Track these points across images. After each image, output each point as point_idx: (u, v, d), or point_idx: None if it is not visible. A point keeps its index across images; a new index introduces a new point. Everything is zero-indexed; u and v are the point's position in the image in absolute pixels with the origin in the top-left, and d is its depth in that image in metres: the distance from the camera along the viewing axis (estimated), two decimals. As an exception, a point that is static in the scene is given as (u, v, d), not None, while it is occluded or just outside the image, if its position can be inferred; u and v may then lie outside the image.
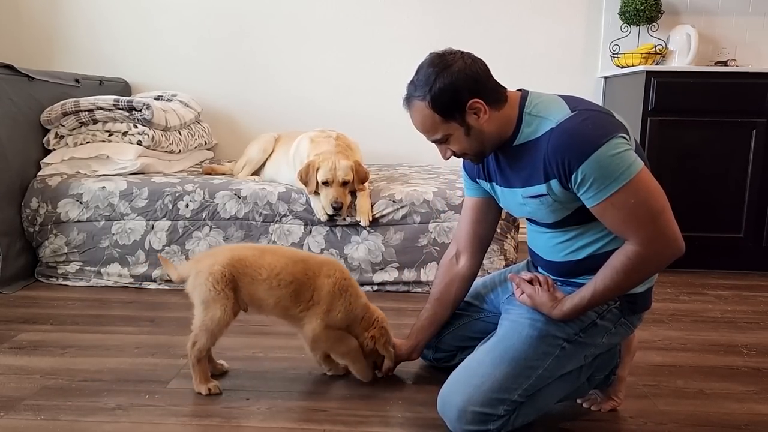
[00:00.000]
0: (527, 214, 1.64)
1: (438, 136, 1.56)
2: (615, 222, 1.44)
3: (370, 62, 3.84)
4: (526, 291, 1.60)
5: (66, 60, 3.82)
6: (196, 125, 3.63)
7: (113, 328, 2.28)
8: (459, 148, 1.57)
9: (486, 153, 1.59)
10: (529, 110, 1.53)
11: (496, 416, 1.49)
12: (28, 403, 1.69)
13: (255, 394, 1.77)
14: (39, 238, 2.84)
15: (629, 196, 1.39)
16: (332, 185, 2.66)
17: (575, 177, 1.41)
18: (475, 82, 1.48)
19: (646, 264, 1.45)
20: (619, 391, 1.71)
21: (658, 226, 1.41)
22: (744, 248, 3.23)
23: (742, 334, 2.35)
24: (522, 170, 1.55)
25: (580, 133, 1.42)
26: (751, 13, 3.66)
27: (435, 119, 1.51)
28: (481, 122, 1.50)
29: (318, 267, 1.79)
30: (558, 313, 1.53)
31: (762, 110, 3.10)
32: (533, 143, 1.50)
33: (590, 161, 1.38)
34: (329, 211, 2.68)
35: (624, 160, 1.39)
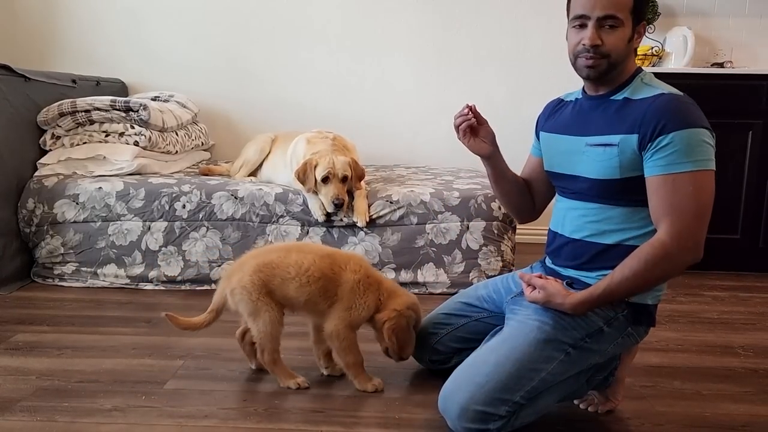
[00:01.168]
0: (571, 167, 1.64)
1: (616, 15, 1.53)
2: (663, 201, 1.46)
3: (367, 63, 3.84)
4: (537, 284, 1.58)
5: (63, 60, 3.82)
6: (193, 126, 3.63)
7: (110, 329, 2.28)
8: (614, 43, 1.54)
9: (614, 71, 1.58)
10: (642, 77, 1.60)
11: (497, 416, 1.48)
12: (24, 404, 1.69)
13: (252, 395, 1.77)
14: (35, 239, 2.84)
15: (691, 183, 1.44)
16: (332, 182, 2.66)
17: (662, 139, 1.45)
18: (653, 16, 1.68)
19: (668, 260, 1.45)
20: (617, 392, 1.71)
21: (695, 224, 1.45)
22: (740, 249, 3.24)
23: (739, 335, 2.35)
24: (601, 120, 1.59)
25: (689, 109, 1.49)
26: (747, 14, 3.67)
27: (629, 4, 1.54)
28: (635, 44, 1.60)
29: (345, 262, 1.79)
30: (571, 301, 1.52)
31: (758, 112, 3.11)
32: (627, 101, 1.56)
33: (687, 133, 1.44)
34: (330, 209, 2.68)
35: (709, 152, 1.46)
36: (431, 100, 3.85)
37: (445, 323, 1.90)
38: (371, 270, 1.83)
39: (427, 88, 3.86)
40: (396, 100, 3.86)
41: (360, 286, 1.76)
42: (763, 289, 2.99)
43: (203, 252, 2.79)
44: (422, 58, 3.83)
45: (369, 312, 1.78)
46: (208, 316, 1.82)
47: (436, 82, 3.83)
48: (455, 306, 1.93)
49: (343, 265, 1.78)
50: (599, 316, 1.56)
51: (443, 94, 3.83)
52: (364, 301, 1.76)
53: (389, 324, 1.75)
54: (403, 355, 1.81)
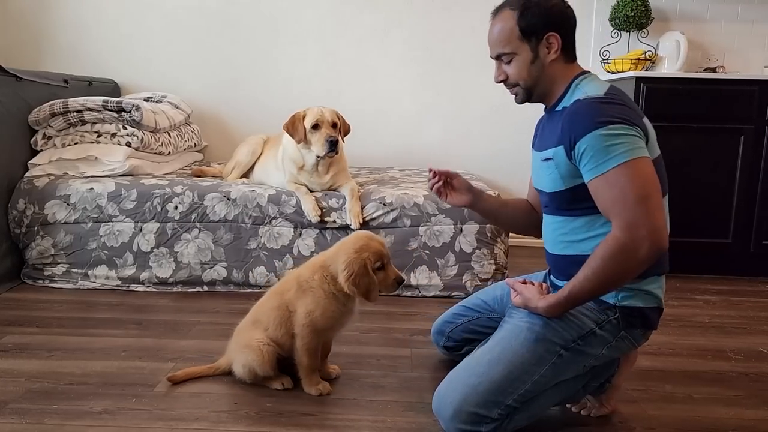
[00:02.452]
0: (539, 181, 1.70)
1: (506, 51, 1.62)
2: (605, 200, 1.47)
3: (360, 66, 3.84)
4: (518, 289, 1.61)
5: (55, 60, 3.80)
6: (185, 127, 3.62)
7: (100, 331, 2.26)
8: (516, 73, 1.63)
9: (533, 95, 1.66)
10: (577, 83, 1.61)
11: (489, 419, 1.49)
12: (13, 406, 1.67)
13: (243, 398, 1.76)
14: (25, 240, 2.82)
15: (622, 176, 1.43)
16: (322, 126, 2.72)
17: (579, 146, 1.48)
18: (563, 22, 1.60)
19: (624, 254, 1.41)
20: (612, 398, 1.71)
21: (641, 211, 1.41)
22: (732, 254, 3.25)
23: (730, 339, 2.36)
24: (547, 134, 1.65)
25: (595, 110, 1.49)
26: (740, 20, 3.69)
27: (514, 33, 1.59)
28: (548, 59, 1.60)
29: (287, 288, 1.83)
30: (543, 304, 1.53)
31: (750, 117, 3.13)
32: (563, 110, 1.59)
33: (595, 134, 1.45)
34: (324, 150, 2.71)
35: (625, 142, 1.44)
36: (425, 102, 3.85)
37: (462, 314, 1.98)
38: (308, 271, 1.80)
39: (421, 90, 3.86)
40: (390, 102, 3.86)
41: (300, 293, 1.78)
42: (754, 294, 3.00)
43: (195, 253, 2.78)
44: (415, 60, 3.83)
45: (325, 308, 1.74)
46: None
47: (431, 84, 3.84)
48: (474, 301, 2.01)
49: (285, 291, 1.81)
50: (591, 319, 1.56)
51: (437, 96, 3.83)
52: (312, 302, 1.75)
53: (345, 274, 1.69)
54: (371, 299, 1.73)
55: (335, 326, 1.81)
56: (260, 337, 1.79)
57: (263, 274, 2.77)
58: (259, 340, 1.78)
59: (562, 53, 1.60)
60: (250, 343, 1.79)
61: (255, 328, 1.82)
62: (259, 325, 1.82)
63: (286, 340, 1.79)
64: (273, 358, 1.78)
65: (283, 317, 1.79)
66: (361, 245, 1.73)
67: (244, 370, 1.80)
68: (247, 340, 1.80)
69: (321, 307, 1.74)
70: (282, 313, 1.79)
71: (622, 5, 3.53)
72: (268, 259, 2.78)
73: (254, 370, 1.78)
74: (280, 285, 1.87)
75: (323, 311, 1.74)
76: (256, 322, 1.84)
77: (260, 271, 2.78)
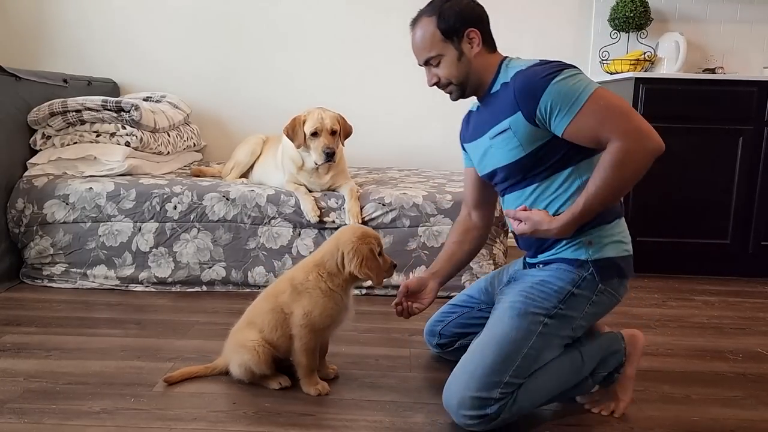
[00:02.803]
0: (490, 163, 1.76)
1: (432, 54, 1.72)
2: (591, 130, 1.53)
3: (359, 65, 3.84)
4: (522, 217, 1.67)
5: (54, 60, 3.79)
6: (184, 127, 3.62)
7: (99, 331, 2.26)
8: (446, 73, 1.73)
9: (466, 89, 1.76)
10: (506, 64, 1.73)
11: (492, 400, 1.53)
12: (12, 406, 1.67)
13: (241, 398, 1.76)
14: (24, 239, 2.82)
15: (595, 105, 1.52)
16: (321, 134, 2.70)
17: (542, 106, 1.56)
18: (478, 17, 1.73)
19: (630, 157, 1.50)
20: (626, 389, 1.74)
21: (632, 120, 1.52)
22: (730, 254, 3.25)
23: (728, 340, 2.36)
24: (490, 115, 1.72)
25: (542, 69, 1.60)
26: (739, 21, 3.70)
27: (436, 36, 1.70)
28: (473, 53, 1.71)
29: (280, 291, 1.82)
30: (558, 224, 1.60)
31: (749, 117, 3.13)
32: (503, 87, 1.68)
33: (551, 88, 1.54)
34: (321, 159, 2.71)
35: (581, 80, 1.56)
36: (424, 102, 3.85)
37: (450, 312, 2.03)
38: (302, 273, 1.80)
39: (420, 91, 3.83)
40: (389, 102, 3.86)
41: (296, 295, 1.77)
42: (752, 294, 3.00)
43: (194, 253, 2.78)
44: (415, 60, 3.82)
45: (323, 308, 1.75)
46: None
47: (429, 85, 3.83)
48: (461, 298, 2.06)
49: (280, 293, 1.81)
50: (566, 281, 1.64)
51: (436, 97, 3.80)
52: (309, 302, 1.75)
53: (355, 262, 1.74)
54: (379, 282, 1.81)
55: (332, 324, 1.81)
56: (255, 338, 1.79)
57: (262, 274, 2.77)
58: (253, 340, 1.78)
59: (484, 45, 1.72)
60: (245, 344, 1.79)
61: (250, 328, 1.82)
62: (254, 326, 1.82)
63: (282, 342, 1.79)
64: (269, 357, 1.78)
65: (278, 320, 1.79)
66: (360, 233, 1.79)
67: (241, 369, 1.80)
68: (242, 341, 1.80)
69: (319, 306, 1.74)
70: (277, 316, 1.79)
71: (622, 6, 3.53)
72: (267, 259, 2.78)
73: (251, 369, 1.78)
74: (273, 287, 1.87)
75: (321, 311, 1.75)
76: (251, 323, 1.83)
77: (259, 271, 2.78)
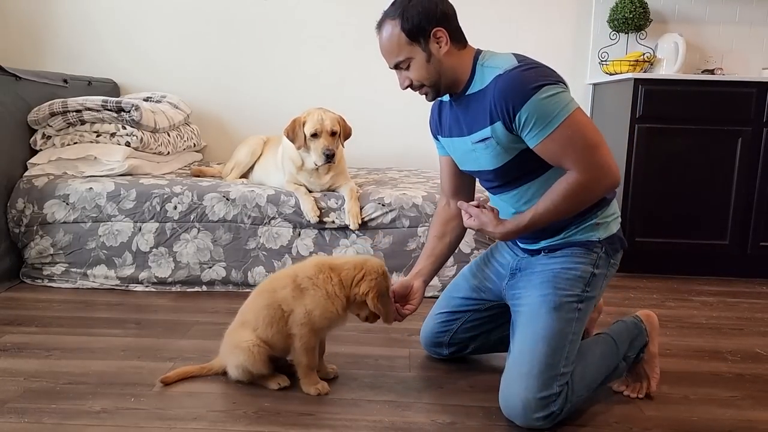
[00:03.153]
0: (473, 163, 1.77)
1: (401, 58, 1.69)
2: (556, 155, 1.59)
3: (359, 66, 3.84)
4: (472, 213, 1.72)
5: (54, 60, 3.80)
6: (185, 127, 3.62)
7: (99, 331, 2.27)
8: (417, 75, 1.70)
9: (440, 90, 1.74)
10: (482, 62, 1.70)
11: (554, 395, 1.57)
12: (12, 405, 1.68)
13: (241, 397, 1.76)
14: (24, 239, 2.82)
15: (567, 131, 1.55)
16: (321, 136, 2.70)
17: (519, 119, 1.57)
18: (443, 14, 1.66)
19: (585, 190, 1.59)
20: (653, 366, 1.82)
21: (596, 156, 1.57)
22: (729, 255, 3.26)
23: (727, 340, 2.37)
24: (471, 117, 1.71)
25: (522, 79, 1.57)
26: (738, 22, 3.70)
27: (401, 39, 1.66)
28: (442, 53, 1.67)
29: (281, 286, 1.81)
30: (501, 230, 1.68)
31: (748, 119, 3.14)
32: (482, 91, 1.66)
33: (530, 103, 1.54)
34: (321, 161, 2.71)
35: (560, 100, 1.56)
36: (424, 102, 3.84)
37: (452, 320, 1.99)
38: (322, 271, 1.78)
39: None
40: (388, 102, 3.86)
41: (298, 292, 1.76)
42: (751, 295, 3.01)
43: (194, 253, 2.78)
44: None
45: (324, 309, 1.74)
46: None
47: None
48: (456, 302, 2.01)
49: (278, 288, 1.79)
50: (587, 264, 1.71)
51: (436, 98, 3.83)
52: (312, 301, 1.74)
53: (372, 293, 1.73)
54: (389, 321, 1.81)
55: (331, 326, 1.81)
56: (249, 338, 1.78)
57: (262, 274, 2.78)
58: (248, 340, 1.77)
59: (453, 42, 1.67)
60: (240, 344, 1.78)
61: (244, 328, 1.82)
62: (248, 325, 1.81)
63: (278, 340, 1.78)
64: (265, 356, 1.78)
65: (273, 316, 1.77)
66: (384, 271, 1.79)
67: (238, 370, 1.80)
68: (236, 341, 1.80)
69: (320, 306, 1.73)
70: (273, 312, 1.77)
71: (621, 7, 3.54)
72: (267, 259, 2.79)
73: (247, 369, 1.78)
74: (269, 283, 1.85)
75: (322, 311, 1.74)
76: (245, 323, 1.83)
77: (259, 271, 2.78)
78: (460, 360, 2.05)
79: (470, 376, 1.96)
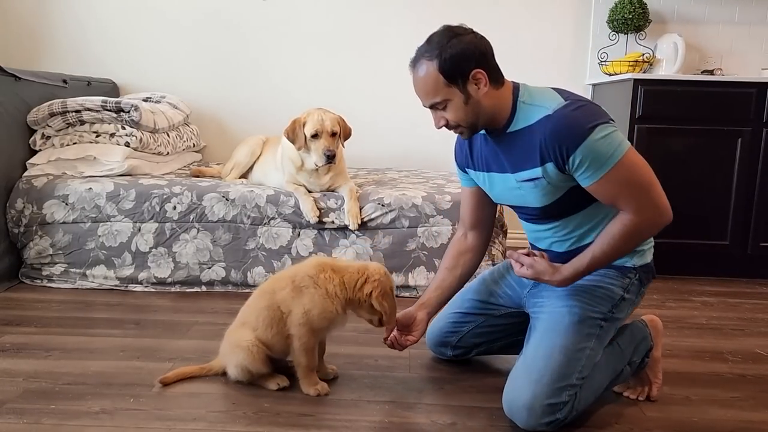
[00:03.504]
0: (516, 200, 1.74)
1: (437, 100, 1.62)
2: (611, 196, 1.58)
3: (359, 66, 3.84)
4: (525, 262, 1.67)
5: (53, 60, 3.79)
6: (184, 127, 3.62)
7: (98, 331, 2.26)
8: (454, 117, 1.63)
9: (478, 129, 1.69)
10: (523, 99, 1.64)
11: (562, 403, 1.56)
12: (11, 406, 1.67)
13: (241, 398, 1.76)
14: (24, 240, 2.81)
15: (621, 173, 1.54)
16: (321, 136, 2.69)
17: (572, 160, 1.54)
18: (482, 55, 1.60)
19: (641, 231, 1.59)
20: (657, 371, 1.82)
21: (650, 196, 1.56)
22: (729, 255, 3.26)
23: (728, 341, 2.36)
24: (516, 155, 1.66)
25: (574, 120, 1.54)
26: (738, 22, 3.70)
27: (439, 81, 1.59)
28: (480, 94, 1.60)
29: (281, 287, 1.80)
30: (559, 278, 1.64)
31: (747, 119, 3.14)
32: (527, 129, 1.61)
33: (585, 145, 1.52)
34: (321, 161, 2.70)
35: (613, 140, 1.54)
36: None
37: (464, 321, 1.97)
38: (322, 270, 1.77)
39: (420, 92, 3.86)
40: (388, 103, 3.86)
41: (296, 292, 1.75)
42: (751, 295, 3.01)
43: (194, 254, 2.78)
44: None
45: (323, 308, 1.73)
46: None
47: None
48: (470, 304, 1.99)
49: (278, 290, 1.79)
50: (618, 287, 1.70)
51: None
52: (310, 301, 1.73)
53: (377, 293, 1.73)
54: (391, 322, 1.80)
55: (330, 327, 1.80)
56: (249, 338, 1.77)
57: (261, 274, 2.77)
58: (248, 340, 1.77)
59: (491, 83, 1.61)
60: (240, 343, 1.78)
61: (244, 328, 1.82)
62: (248, 326, 1.81)
63: (277, 341, 1.78)
64: (264, 356, 1.78)
65: (273, 317, 1.77)
66: (386, 272, 1.79)
67: (237, 370, 1.79)
68: (236, 341, 1.80)
69: (318, 306, 1.73)
70: (272, 314, 1.77)
71: (620, 7, 3.53)
72: (266, 260, 2.78)
73: (247, 368, 1.78)
74: (269, 284, 1.85)
75: (320, 311, 1.73)
76: (245, 323, 1.83)
77: (259, 272, 2.78)
78: (462, 361, 2.05)
79: (471, 377, 1.95)
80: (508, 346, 1.98)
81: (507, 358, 1.98)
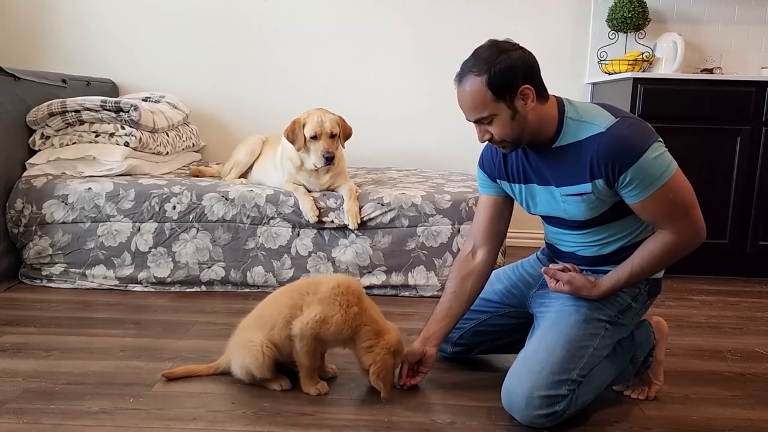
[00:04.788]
0: (558, 212, 1.74)
1: (484, 115, 1.60)
2: (653, 214, 1.61)
3: (359, 66, 3.84)
4: (562, 279, 1.70)
5: (53, 60, 3.79)
6: (184, 127, 3.61)
7: (98, 331, 2.26)
8: (500, 131, 1.62)
9: (521, 144, 1.67)
10: (570, 115, 1.65)
11: (560, 396, 1.57)
12: (11, 406, 1.67)
13: (240, 397, 1.76)
14: (23, 240, 2.81)
15: (668, 193, 1.57)
16: (321, 138, 2.68)
17: (623, 178, 1.56)
18: (530, 70, 1.60)
19: (680, 250, 1.63)
20: (658, 372, 1.83)
21: (691, 218, 1.60)
22: (729, 254, 3.26)
23: (727, 339, 2.37)
24: (563, 170, 1.66)
25: (628, 139, 1.56)
26: (737, 21, 3.70)
27: (486, 97, 1.57)
28: (527, 109, 1.60)
29: (311, 288, 1.81)
30: (597, 292, 1.68)
31: (746, 118, 3.14)
32: (575, 145, 1.63)
33: (638, 165, 1.54)
34: (321, 163, 2.71)
35: (663, 161, 1.57)
36: (423, 102, 3.85)
37: (466, 318, 1.94)
38: (356, 290, 1.79)
39: (419, 91, 3.87)
40: (388, 102, 3.86)
41: (333, 300, 1.74)
42: (750, 294, 3.01)
43: (193, 253, 2.78)
44: (414, 60, 3.84)
45: (338, 330, 1.73)
46: None
47: (428, 84, 3.83)
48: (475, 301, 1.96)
49: (310, 292, 1.79)
50: (627, 294, 1.73)
51: (435, 97, 3.83)
52: (334, 317, 1.73)
53: (375, 368, 1.72)
54: (386, 396, 1.75)
55: (332, 345, 1.81)
56: (258, 341, 1.76)
57: (261, 274, 2.78)
58: (256, 343, 1.76)
59: (538, 98, 1.61)
60: (248, 345, 1.78)
61: (256, 328, 1.81)
62: (264, 322, 1.80)
63: (288, 344, 1.77)
64: (271, 362, 1.77)
65: (294, 317, 1.76)
66: (397, 349, 1.77)
67: (242, 371, 1.79)
68: (245, 342, 1.79)
69: (335, 325, 1.73)
70: (295, 312, 1.76)
71: (620, 6, 3.53)
72: (266, 259, 2.79)
73: (251, 372, 1.78)
74: (301, 284, 1.85)
75: (336, 330, 1.73)
76: (261, 318, 1.82)
77: (258, 271, 2.78)
78: (461, 359, 2.05)
79: (471, 376, 1.96)
80: (509, 345, 1.98)
81: (507, 357, 1.98)
